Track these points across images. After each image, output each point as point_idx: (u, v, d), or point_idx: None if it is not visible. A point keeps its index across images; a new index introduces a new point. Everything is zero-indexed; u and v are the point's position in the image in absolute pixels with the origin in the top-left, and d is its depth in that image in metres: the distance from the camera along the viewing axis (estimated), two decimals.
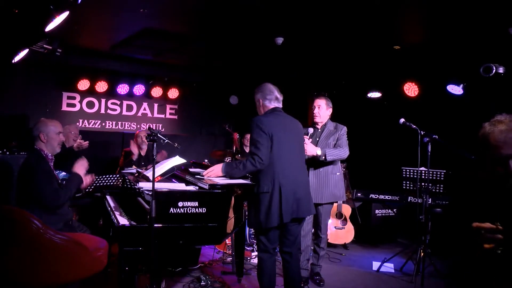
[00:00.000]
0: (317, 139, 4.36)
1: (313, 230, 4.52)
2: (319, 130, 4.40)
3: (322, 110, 4.38)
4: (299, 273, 3.49)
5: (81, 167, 3.65)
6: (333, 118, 4.52)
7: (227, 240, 5.10)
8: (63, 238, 2.85)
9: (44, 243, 2.76)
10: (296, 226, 3.39)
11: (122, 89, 7.81)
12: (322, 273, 4.55)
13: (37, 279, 2.77)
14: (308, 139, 4.12)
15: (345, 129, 4.42)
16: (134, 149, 6.03)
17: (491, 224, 1.80)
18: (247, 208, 3.52)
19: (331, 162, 4.26)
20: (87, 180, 3.69)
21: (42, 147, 3.49)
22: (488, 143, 1.92)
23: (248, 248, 5.30)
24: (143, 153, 6.08)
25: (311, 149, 4.07)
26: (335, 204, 6.01)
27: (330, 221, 5.94)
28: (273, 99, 3.44)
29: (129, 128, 8.15)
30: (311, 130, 4.27)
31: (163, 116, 8.71)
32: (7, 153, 5.01)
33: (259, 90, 3.50)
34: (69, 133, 5.16)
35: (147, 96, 8.18)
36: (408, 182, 5.34)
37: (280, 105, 3.47)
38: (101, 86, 7.56)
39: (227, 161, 6.65)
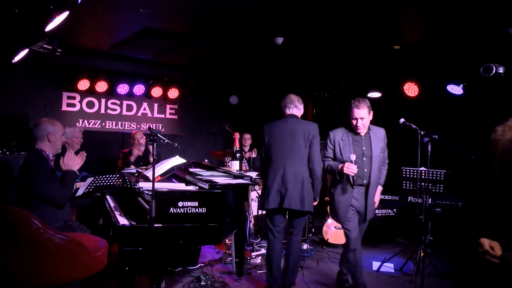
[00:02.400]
0: (363, 148, 3.89)
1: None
2: (363, 138, 3.93)
3: (366, 120, 3.87)
4: (294, 254, 4.03)
5: (72, 162, 3.54)
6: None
7: (227, 240, 5.10)
8: (63, 238, 2.85)
9: (44, 243, 2.76)
10: (294, 215, 4.00)
11: (122, 89, 7.81)
12: (321, 273, 4.55)
13: (37, 279, 2.77)
14: (355, 166, 3.72)
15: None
16: (135, 151, 6.01)
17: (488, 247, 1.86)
18: None
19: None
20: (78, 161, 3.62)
21: (45, 147, 3.46)
22: (496, 148, 1.88)
23: (248, 248, 5.30)
24: (140, 153, 6.06)
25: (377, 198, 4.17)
26: None
27: (330, 221, 5.94)
28: (291, 107, 4.04)
29: (129, 128, 8.15)
30: (353, 157, 3.76)
31: (163, 116, 8.71)
32: (7, 153, 5.02)
33: (283, 99, 4.11)
34: (73, 137, 5.14)
35: (147, 96, 8.18)
36: (408, 182, 5.34)
37: (298, 112, 4.07)
38: (101, 86, 7.56)
39: (227, 161, 6.66)
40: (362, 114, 3.80)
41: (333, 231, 5.93)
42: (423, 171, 4.95)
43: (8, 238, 2.73)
